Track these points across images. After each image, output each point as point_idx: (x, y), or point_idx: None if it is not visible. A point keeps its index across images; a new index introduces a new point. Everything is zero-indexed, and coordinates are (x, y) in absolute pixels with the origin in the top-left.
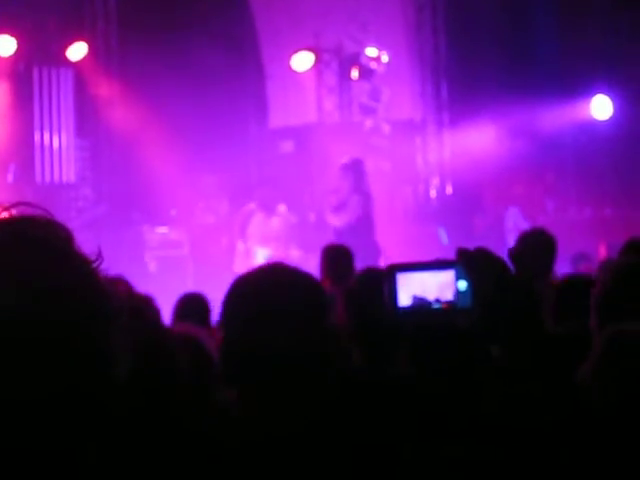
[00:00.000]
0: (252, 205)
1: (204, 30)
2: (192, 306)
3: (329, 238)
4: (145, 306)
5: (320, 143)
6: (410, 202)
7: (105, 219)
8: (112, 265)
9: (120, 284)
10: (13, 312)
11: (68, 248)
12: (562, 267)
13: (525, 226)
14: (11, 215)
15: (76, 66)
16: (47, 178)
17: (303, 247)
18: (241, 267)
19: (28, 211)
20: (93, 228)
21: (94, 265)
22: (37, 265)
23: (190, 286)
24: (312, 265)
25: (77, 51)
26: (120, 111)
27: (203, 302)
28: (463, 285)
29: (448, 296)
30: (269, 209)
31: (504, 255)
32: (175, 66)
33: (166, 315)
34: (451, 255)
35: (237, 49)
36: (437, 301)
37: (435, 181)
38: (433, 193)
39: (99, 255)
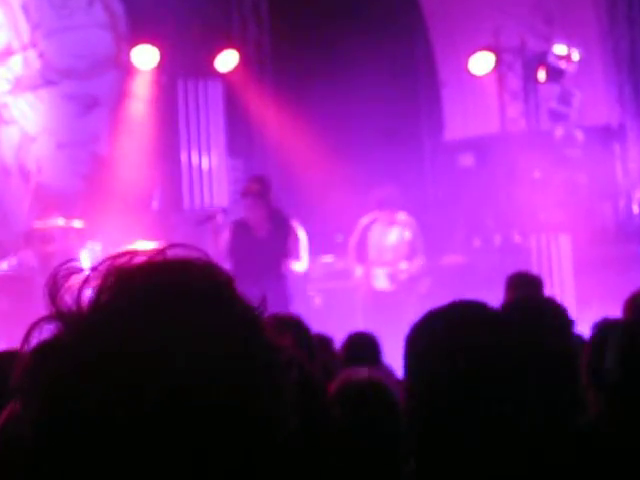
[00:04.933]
0: (365, 219)
1: (368, 30)
2: (361, 347)
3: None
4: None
5: (504, 155)
6: (610, 219)
7: None
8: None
9: (293, 325)
10: (182, 377)
11: (229, 295)
12: None
13: None
14: (165, 259)
15: (225, 77)
16: (197, 203)
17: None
18: (363, 294)
19: (184, 253)
20: None
21: (258, 313)
22: (201, 321)
23: (360, 322)
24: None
25: (226, 61)
26: (275, 126)
27: (373, 342)
28: None
29: None
30: (389, 218)
31: None
32: (336, 74)
33: None
34: None
35: (406, 51)
36: None
37: (638, 195)
38: (636, 208)
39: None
